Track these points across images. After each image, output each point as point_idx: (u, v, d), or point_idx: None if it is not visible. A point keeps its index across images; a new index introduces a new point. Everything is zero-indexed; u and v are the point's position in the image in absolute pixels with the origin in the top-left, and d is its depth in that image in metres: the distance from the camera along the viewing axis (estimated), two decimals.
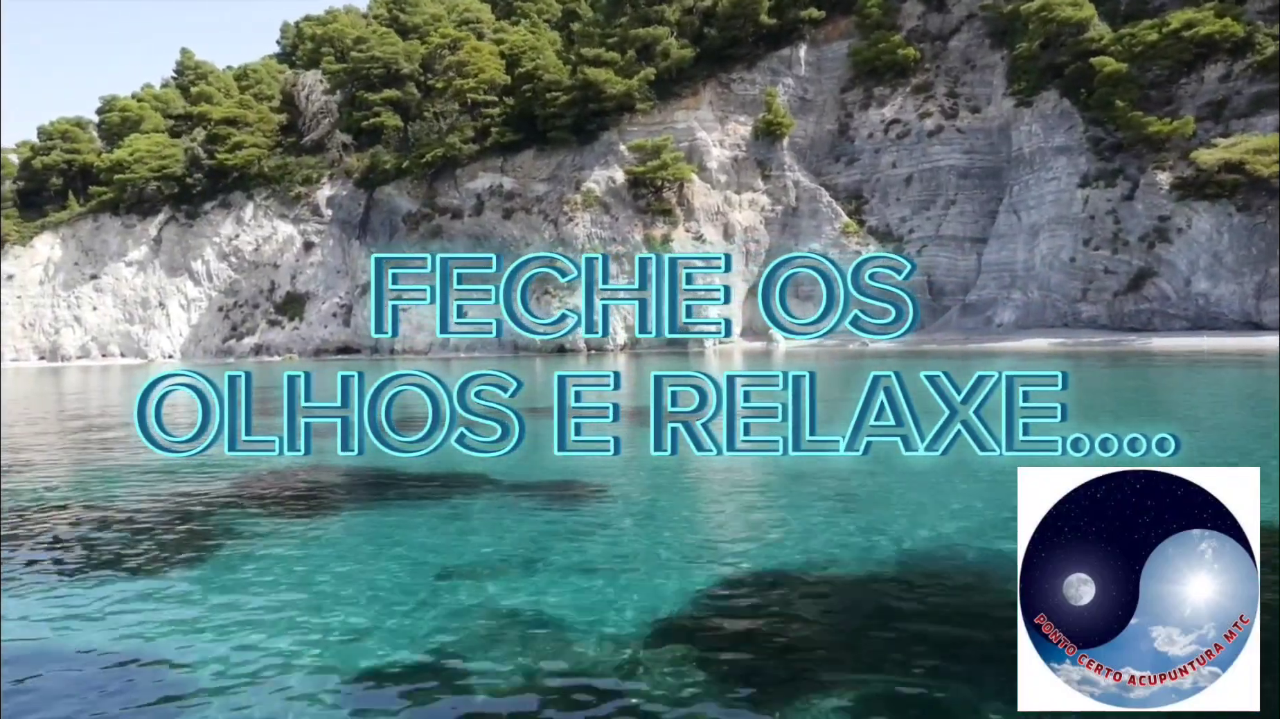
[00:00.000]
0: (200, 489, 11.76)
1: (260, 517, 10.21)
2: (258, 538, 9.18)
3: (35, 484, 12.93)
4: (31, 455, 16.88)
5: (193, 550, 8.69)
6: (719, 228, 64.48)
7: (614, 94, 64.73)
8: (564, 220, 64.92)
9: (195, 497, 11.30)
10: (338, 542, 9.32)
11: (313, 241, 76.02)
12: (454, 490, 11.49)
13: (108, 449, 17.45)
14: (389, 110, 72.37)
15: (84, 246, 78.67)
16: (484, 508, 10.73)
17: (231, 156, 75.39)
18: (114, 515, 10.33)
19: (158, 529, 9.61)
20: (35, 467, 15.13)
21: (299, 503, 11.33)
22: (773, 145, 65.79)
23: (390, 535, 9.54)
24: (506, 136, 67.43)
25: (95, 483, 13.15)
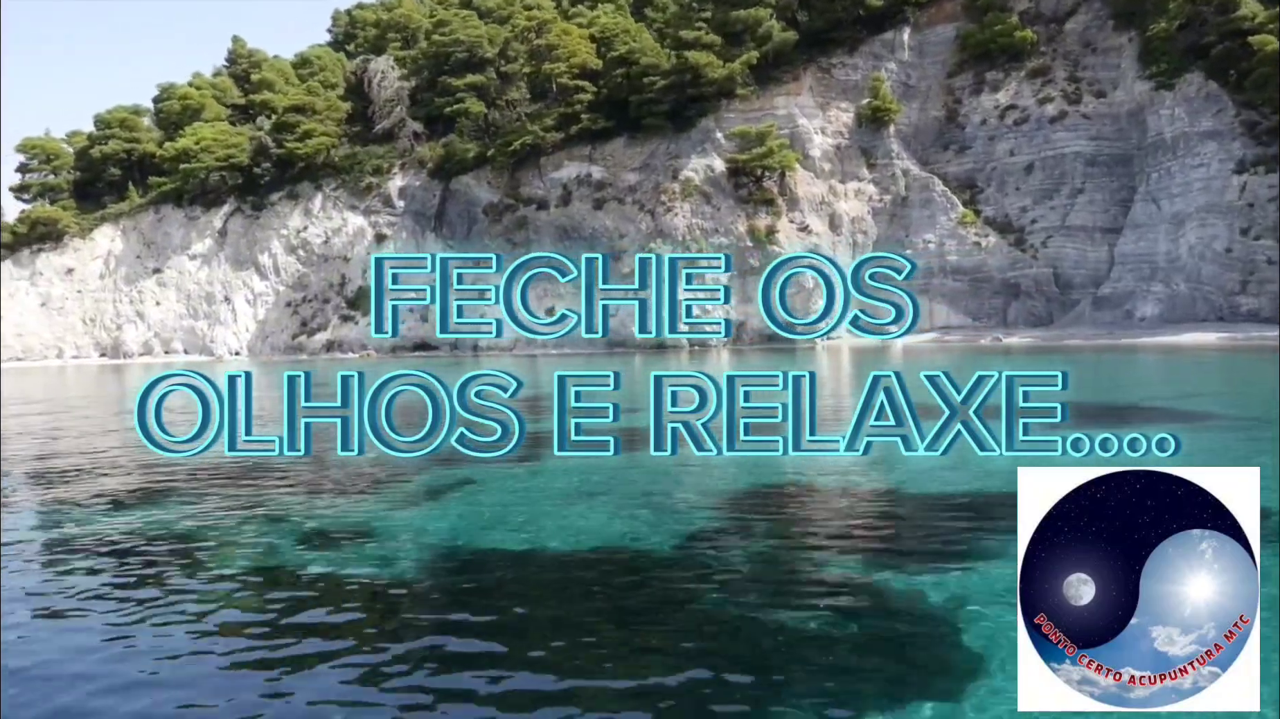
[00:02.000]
0: (215, 489, 11.53)
1: (280, 516, 10.03)
2: (277, 536, 9.02)
3: (52, 485, 12.85)
4: (62, 460, 16.17)
5: (199, 550, 8.54)
6: (824, 218, 61.68)
7: (715, 78, 61.89)
8: (662, 211, 62.07)
9: (206, 497, 11.07)
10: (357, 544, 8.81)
11: (385, 234, 73.06)
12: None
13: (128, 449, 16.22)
14: (472, 96, 69.40)
15: (145, 239, 75.71)
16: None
17: (301, 146, 72.41)
18: (118, 516, 10.14)
19: (165, 529, 9.37)
20: (62, 470, 14.62)
21: (313, 501, 10.90)
22: (877, 132, 63.00)
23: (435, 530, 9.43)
24: (599, 123, 64.48)
25: (107, 483, 12.74)
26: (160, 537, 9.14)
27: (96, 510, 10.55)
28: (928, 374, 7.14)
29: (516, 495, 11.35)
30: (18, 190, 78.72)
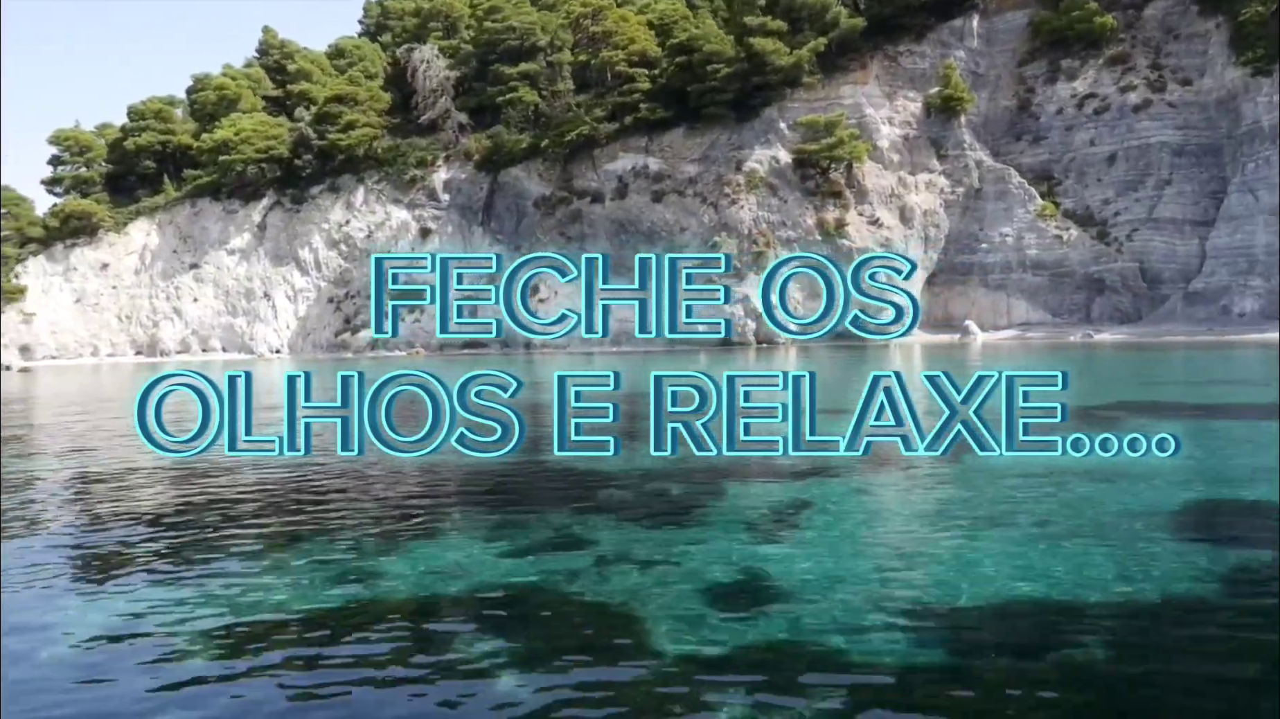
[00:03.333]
0: (224, 490, 11.02)
1: (290, 515, 9.70)
2: (282, 538, 8.58)
3: (60, 482, 12.51)
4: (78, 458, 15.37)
5: (208, 552, 8.03)
6: (894, 211, 59.52)
7: (781, 66, 59.72)
8: (726, 203, 59.91)
9: (217, 499, 10.51)
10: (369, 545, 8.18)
11: (430, 228, 70.86)
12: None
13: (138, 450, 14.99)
14: (525, 84, 67.19)
15: (182, 233, 73.46)
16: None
17: (344, 137, 70.17)
18: (125, 518, 9.71)
19: (171, 531, 9.00)
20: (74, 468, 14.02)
21: (321, 503, 10.31)
22: (948, 122, 60.85)
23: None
24: (657, 113, 62.27)
25: (116, 483, 12.21)
26: (176, 538, 8.68)
27: (112, 519, 9.76)
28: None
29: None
30: (50, 183, 76.47)
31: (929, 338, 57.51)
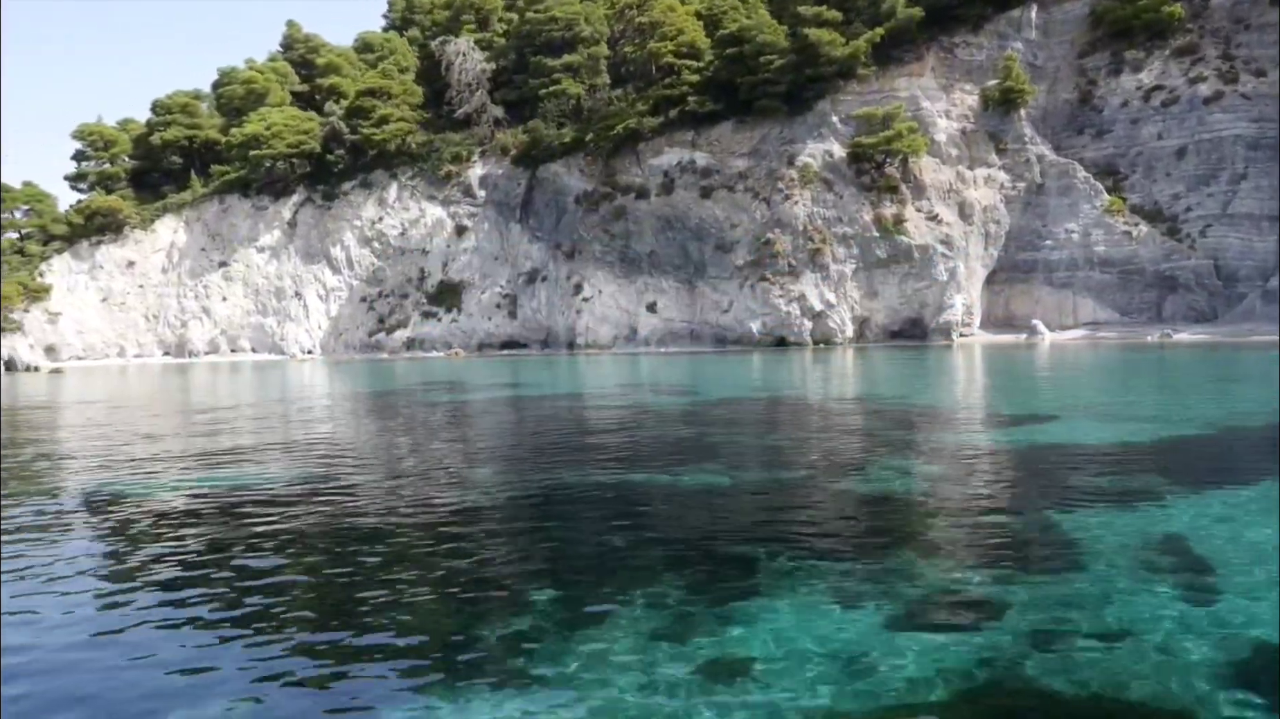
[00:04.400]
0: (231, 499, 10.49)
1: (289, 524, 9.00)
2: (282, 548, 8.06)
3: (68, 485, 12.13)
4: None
5: (216, 553, 7.84)
6: (953, 207, 57.58)
7: (836, 58, 57.82)
8: (779, 199, 57.95)
9: (226, 507, 10.04)
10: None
11: (465, 225, 69.01)
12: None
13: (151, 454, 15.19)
14: (569, 77, 65.26)
15: (210, 230, 71.52)
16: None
17: (378, 131, 68.28)
18: (129, 519, 9.44)
19: (178, 533, 8.69)
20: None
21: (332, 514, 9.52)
22: (1007, 116, 58.88)
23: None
24: (706, 106, 60.34)
25: (122, 486, 11.72)
26: (184, 540, 8.44)
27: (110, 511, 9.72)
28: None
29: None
30: (74, 179, 74.58)
31: (991, 338, 55.68)
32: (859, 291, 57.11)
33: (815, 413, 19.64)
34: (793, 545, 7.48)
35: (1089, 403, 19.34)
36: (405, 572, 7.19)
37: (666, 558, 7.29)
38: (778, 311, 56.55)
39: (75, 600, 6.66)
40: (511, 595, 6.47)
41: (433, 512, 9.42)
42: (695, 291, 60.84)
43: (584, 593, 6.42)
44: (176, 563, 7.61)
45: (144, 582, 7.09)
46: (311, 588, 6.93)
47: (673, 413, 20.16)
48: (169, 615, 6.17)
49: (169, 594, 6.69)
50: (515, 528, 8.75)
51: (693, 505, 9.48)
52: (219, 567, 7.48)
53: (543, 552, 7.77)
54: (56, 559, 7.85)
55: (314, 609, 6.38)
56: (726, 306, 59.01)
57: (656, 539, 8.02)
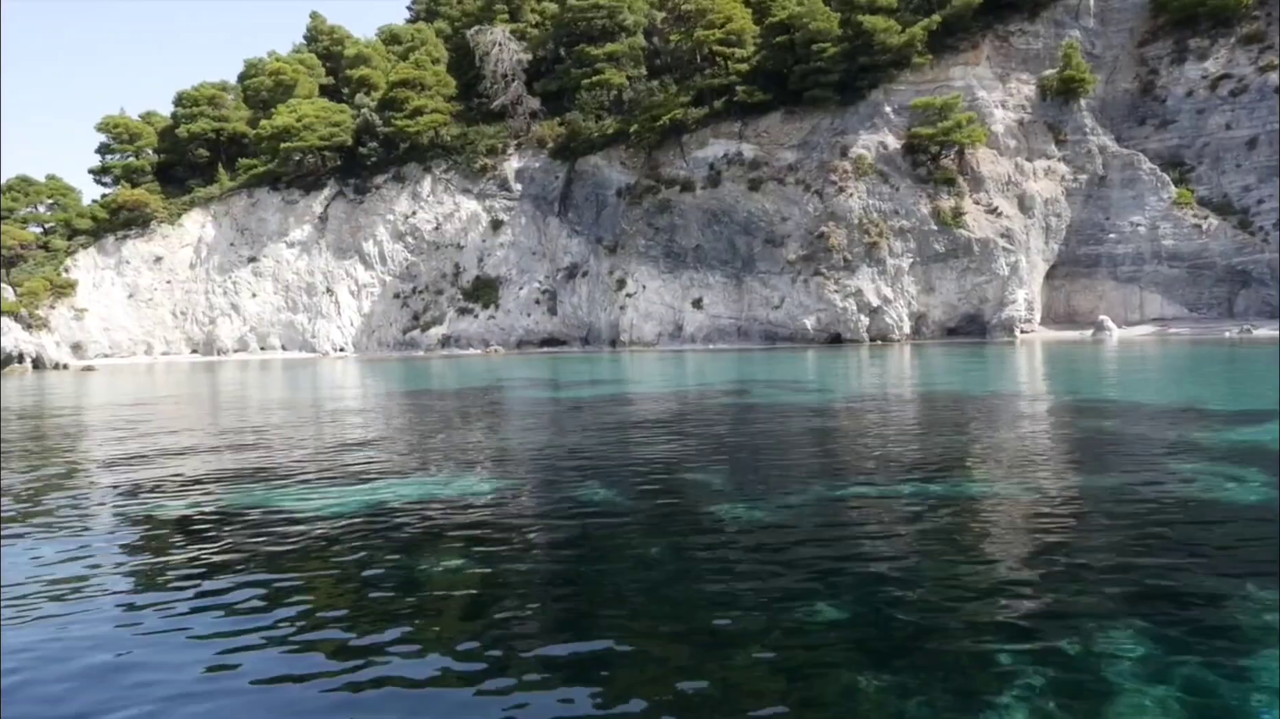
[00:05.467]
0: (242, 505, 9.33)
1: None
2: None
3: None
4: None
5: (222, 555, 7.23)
6: (1012, 199, 55.80)
7: (891, 46, 56.06)
8: (833, 191, 56.18)
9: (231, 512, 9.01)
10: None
11: (501, 219, 67.25)
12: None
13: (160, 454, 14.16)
14: (612, 67, 63.49)
15: (239, 225, 69.75)
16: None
17: (412, 123, 66.52)
18: (135, 519, 8.83)
19: (189, 536, 8.06)
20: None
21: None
22: (1066, 105, 57.09)
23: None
24: (756, 96, 58.55)
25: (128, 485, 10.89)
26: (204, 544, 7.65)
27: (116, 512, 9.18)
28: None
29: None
30: (98, 173, 72.82)
31: (1053, 334, 53.90)
32: (915, 287, 55.34)
33: (1002, 411, 17.82)
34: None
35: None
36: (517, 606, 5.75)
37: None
38: (833, 307, 54.79)
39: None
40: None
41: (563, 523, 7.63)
42: (743, 287, 59.06)
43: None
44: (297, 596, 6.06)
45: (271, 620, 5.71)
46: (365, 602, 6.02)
47: (803, 415, 18.38)
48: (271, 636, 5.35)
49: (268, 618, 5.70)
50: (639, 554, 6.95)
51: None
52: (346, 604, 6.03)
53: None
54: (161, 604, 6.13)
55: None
56: (777, 302, 57.24)
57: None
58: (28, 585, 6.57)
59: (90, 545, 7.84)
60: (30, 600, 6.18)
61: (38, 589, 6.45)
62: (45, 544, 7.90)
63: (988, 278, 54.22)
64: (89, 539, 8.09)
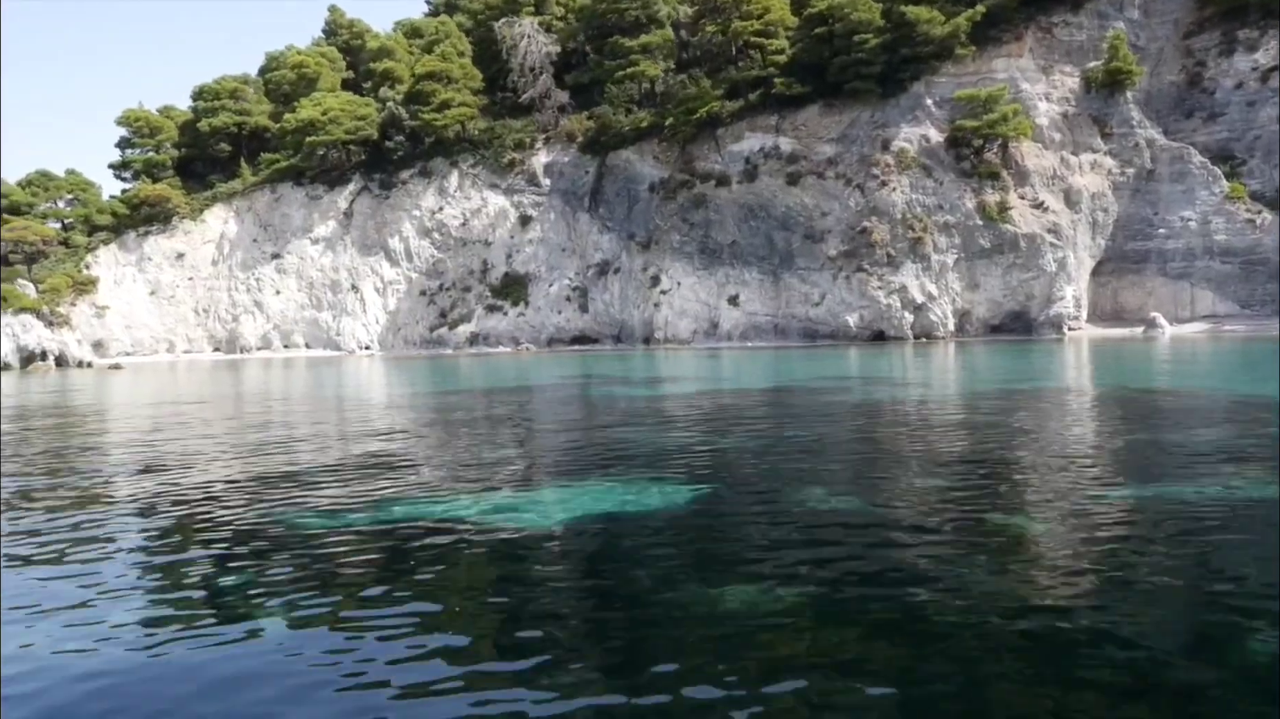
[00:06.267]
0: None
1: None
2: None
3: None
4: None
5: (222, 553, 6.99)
6: (1058, 194, 54.64)
7: (934, 37, 54.88)
8: (874, 185, 54.98)
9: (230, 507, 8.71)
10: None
11: (530, 215, 66.01)
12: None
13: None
14: (648, 59, 62.28)
15: (262, 221, 68.48)
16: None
17: (439, 117, 65.24)
18: (135, 520, 8.50)
19: (193, 535, 7.75)
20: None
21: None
22: (1111, 98, 55.96)
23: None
24: (794, 88, 57.36)
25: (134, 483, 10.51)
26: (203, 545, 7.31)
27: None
28: None
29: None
30: (118, 167, 71.55)
31: (1101, 331, 52.76)
32: (960, 283, 54.16)
33: (1135, 406, 16.61)
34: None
35: None
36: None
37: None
38: (876, 304, 53.61)
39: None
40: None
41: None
42: (780, 283, 57.87)
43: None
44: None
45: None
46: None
47: (915, 412, 17.18)
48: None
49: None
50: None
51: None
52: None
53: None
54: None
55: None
56: (817, 299, 56.04)
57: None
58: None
59: (164, 554, 6.66)
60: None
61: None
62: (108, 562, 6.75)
63: (1034, 274, 53.02)
64: (161, 548, 6.91)
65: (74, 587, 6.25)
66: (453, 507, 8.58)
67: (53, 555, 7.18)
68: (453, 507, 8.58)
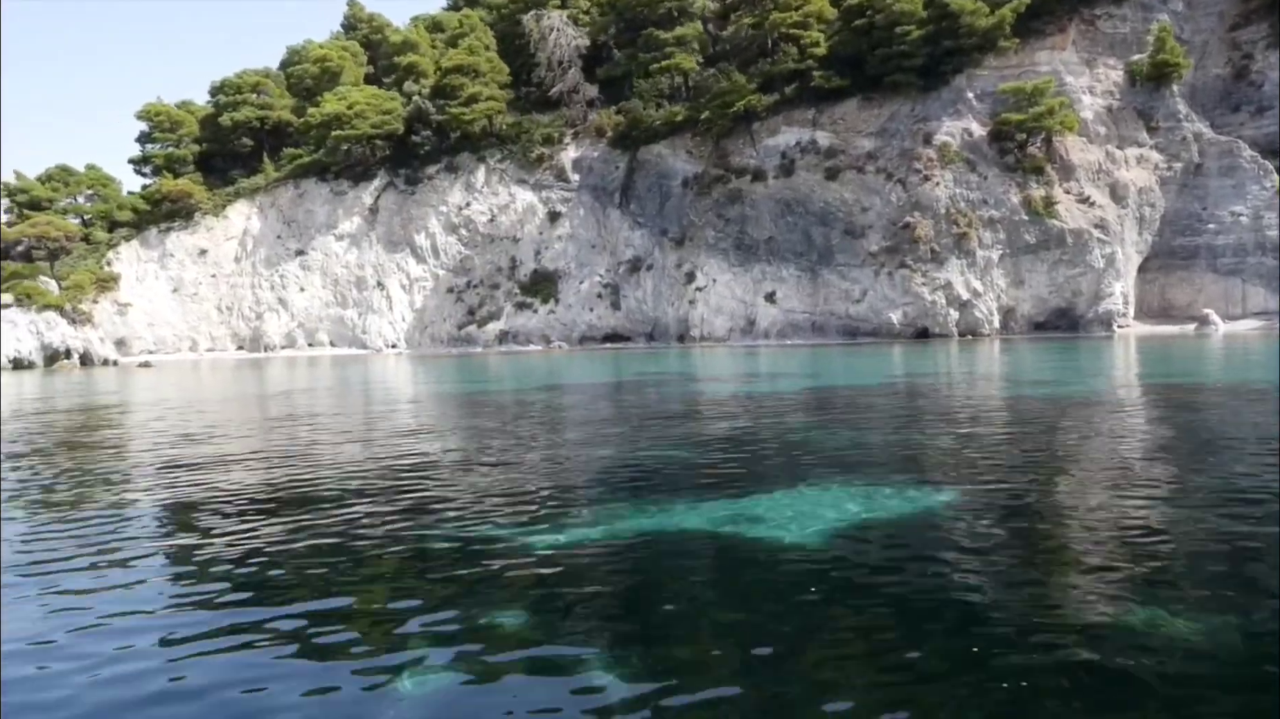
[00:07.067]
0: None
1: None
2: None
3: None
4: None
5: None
6: (1104, 189, 53.63)
7: (978, 28, 53.89)
8: (917, 180, 53.95)
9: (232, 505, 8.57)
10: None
11: (559, 211, 64.91)
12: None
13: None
14: (682, 51, 61.21)
15: (285, 217, 67.32)
16: None
17: (467, 111, 64.14)
18: (140, 519, 8.27)
19: (197, 533, 7.58)
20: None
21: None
22: (1157, 91, 55.00)
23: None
24: (833, 81, 56.31)
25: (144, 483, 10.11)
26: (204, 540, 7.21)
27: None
28: None
29: None
30: (138, 162, 70.37)
31: (1150, 329, 51.76)
32: (1005, 280, 53.15)
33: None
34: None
35: None
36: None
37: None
38: (920, 301, 52.58)
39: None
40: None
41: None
42: (818, 280, 56.82)
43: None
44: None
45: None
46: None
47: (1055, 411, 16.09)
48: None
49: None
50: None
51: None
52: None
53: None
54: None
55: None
56: (858, 296, 55.00)
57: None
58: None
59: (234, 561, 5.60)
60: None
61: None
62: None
63: (1081, 270, 52.01)
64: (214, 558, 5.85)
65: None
66: (725, 515, 7.50)
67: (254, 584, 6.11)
68: (725, 515, 7.50)
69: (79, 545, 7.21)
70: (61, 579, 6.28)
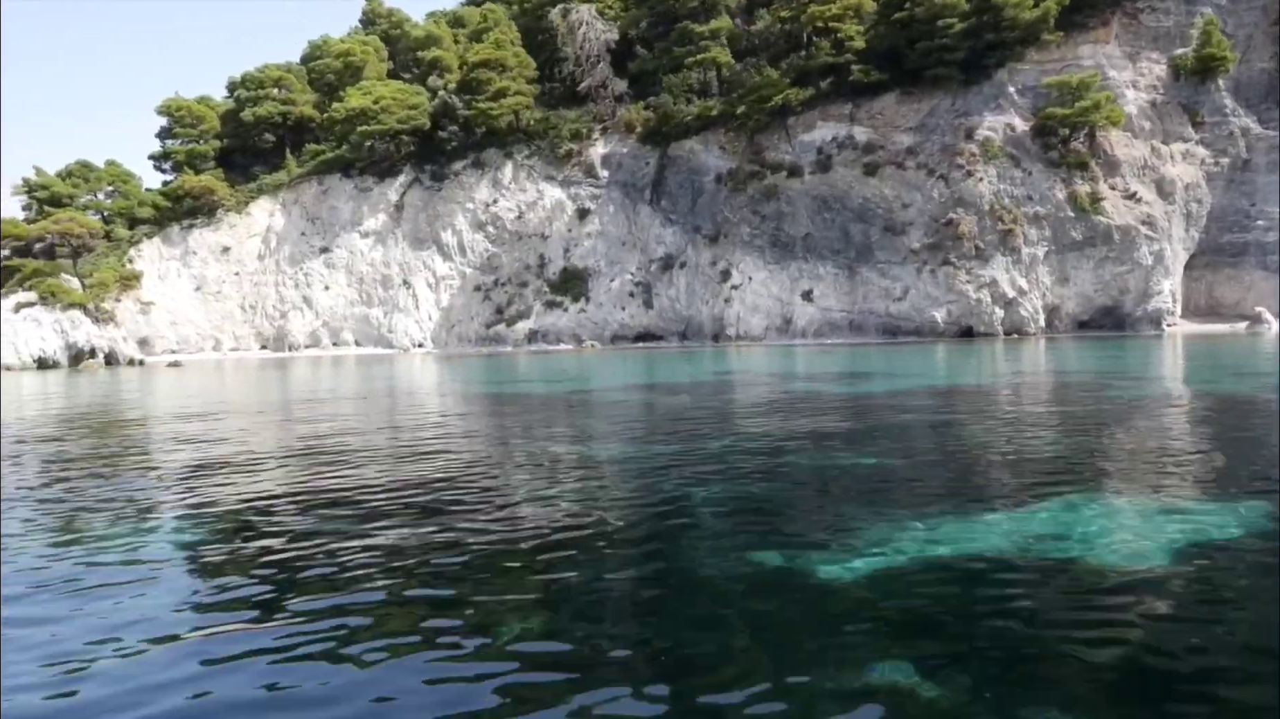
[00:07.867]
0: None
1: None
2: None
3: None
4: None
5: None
6: (1150, 185, 52.75)
7: (1022, 21, 52.98)
8: (959, 176, 53.02)
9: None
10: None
11: (588, 208, 63.89)
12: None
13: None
14: (718, 45, 60.22)
15: (309, 214, 66.22)
16: None
17: (495, 106, 63.08)
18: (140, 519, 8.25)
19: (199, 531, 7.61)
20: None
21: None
22: (1202, 85, 54.19)
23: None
24: (872, 75, 55.36)
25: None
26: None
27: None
28: None
29: None
30: (159, 159, 69.23)
31: (1197, 327, 50.86)
32: (1050, 277, 52.25)
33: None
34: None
35: None
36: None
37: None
38: (965, 299, 51.66)
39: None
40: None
41: None
42: (856, 278, 55.88)
43: None
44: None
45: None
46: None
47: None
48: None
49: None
50: None
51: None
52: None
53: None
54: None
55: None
56: (899, 294, 54.05)
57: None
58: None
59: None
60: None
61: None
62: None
63: (1129, 267, 51.13)
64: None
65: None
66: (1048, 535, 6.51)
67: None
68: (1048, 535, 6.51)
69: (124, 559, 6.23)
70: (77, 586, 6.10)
